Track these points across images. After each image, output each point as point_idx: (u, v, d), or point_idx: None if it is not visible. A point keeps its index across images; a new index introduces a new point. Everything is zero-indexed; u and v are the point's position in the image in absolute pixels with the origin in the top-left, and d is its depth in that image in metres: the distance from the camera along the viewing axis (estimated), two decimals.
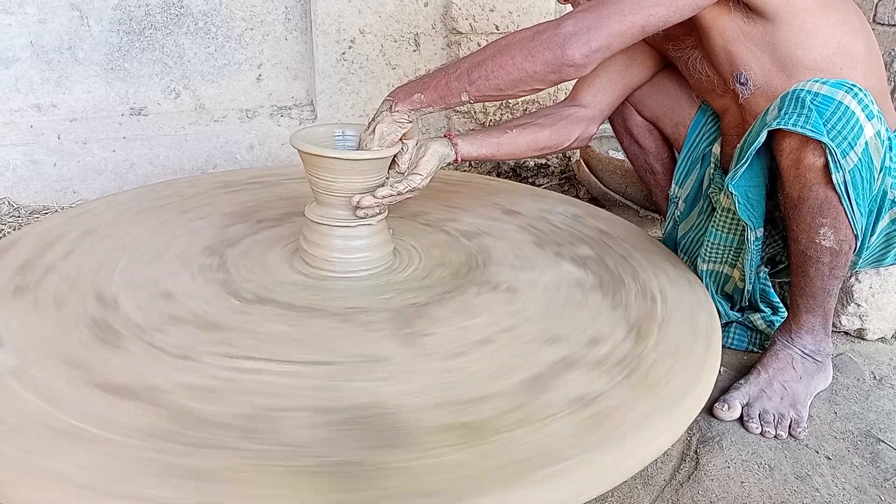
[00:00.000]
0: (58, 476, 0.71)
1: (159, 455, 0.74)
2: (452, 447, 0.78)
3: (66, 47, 1.96)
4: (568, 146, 1.40)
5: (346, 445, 0.78)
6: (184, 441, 0.76)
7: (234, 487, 0.71)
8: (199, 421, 0.80)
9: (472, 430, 0.81)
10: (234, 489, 0.71)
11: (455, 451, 0.78)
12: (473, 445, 0.79)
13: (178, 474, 0.72)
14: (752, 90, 1.25)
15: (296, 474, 0.73)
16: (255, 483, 0.72)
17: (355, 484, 0.72)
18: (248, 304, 1.07)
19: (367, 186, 1.15)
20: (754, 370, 1.24)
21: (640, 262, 1.28)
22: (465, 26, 2.16)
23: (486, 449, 0.78)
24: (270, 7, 2.13)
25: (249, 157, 2.13)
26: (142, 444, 0.76)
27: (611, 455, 0.81)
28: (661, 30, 1.14)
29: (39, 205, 1.96)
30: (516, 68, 1.09)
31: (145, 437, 0.77)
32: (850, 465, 1.10)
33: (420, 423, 0.82)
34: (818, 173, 1.08)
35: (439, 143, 1.23)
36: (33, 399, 0.82)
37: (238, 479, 0.72)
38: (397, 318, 1.06)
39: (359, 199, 1.14)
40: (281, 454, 0.76)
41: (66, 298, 1.05)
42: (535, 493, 0.74)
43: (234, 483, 0.71)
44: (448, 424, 0.82)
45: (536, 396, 0.88)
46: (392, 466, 0.75)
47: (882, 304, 1.42)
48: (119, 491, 0.69)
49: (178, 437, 0.77)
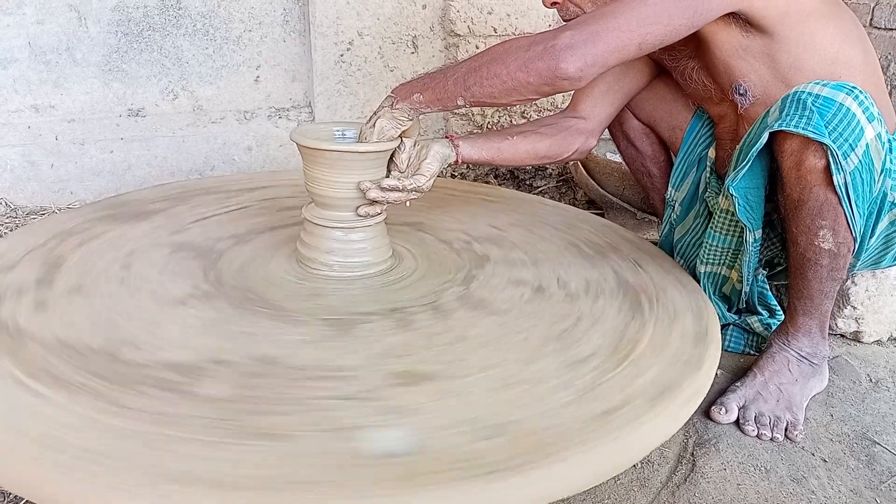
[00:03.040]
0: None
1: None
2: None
3: (64, 48, 1.96)
4: (567, 157, 1.41)
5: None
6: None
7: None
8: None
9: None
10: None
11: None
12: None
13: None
14: (751, 100, 1.25)
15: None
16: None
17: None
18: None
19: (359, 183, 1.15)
20: (750, 373, 1.24)
21: (641, 265, 1.28)
22: (463, 29, 2.16)
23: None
24: (269, 9, 2.13)
25: (247, 158, 2.14)
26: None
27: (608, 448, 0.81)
28: (659, 48, 1.14)
29: (37, 206, 1.96)
30: (510, 77, 1.09)
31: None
32: (846, 467, 1.11)
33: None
34: (819, 175, 1.08)
35: (440, 143, 1.23)
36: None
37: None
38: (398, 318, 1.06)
39: (366, 189, 1.14)
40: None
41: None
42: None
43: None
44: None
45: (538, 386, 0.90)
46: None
47: (878, 307, 1.43)
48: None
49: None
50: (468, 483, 0.72)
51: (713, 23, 1.18)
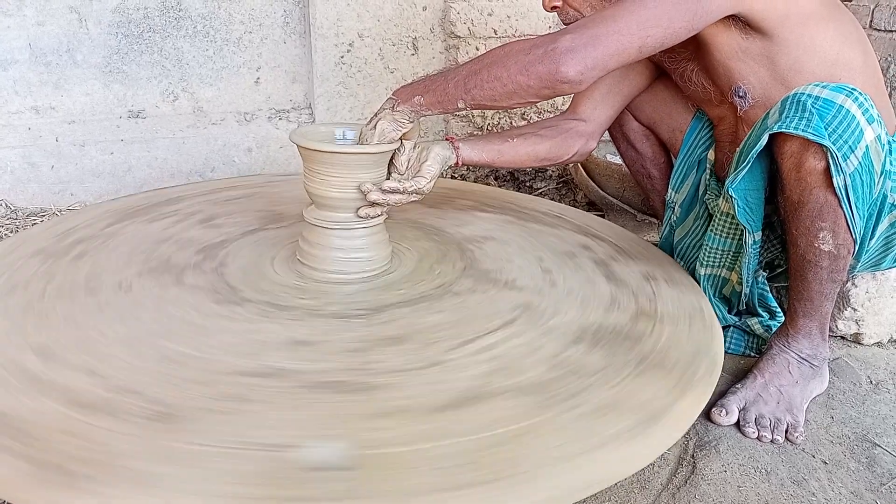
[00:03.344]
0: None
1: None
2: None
3: (64, 50, 1.97)
4: (567, 160, 1.41)
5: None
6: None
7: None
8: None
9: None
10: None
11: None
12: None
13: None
14: (750, 103, 1.25)
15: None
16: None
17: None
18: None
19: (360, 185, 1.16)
20: (751, 374, 1.24)
21: (641, 265, 1.28)
22: (463, 30, 2.16)
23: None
24: (269, 10, 2.13)
25: (247, 160, 2.14)
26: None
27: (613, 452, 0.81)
28: (658, 51, 1.14)
29: (37, 207, 1.96)
30: (511, 81, 1.09)
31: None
32: (847, 469, 1.10)
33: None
34: (819, 176, 1.08)
35: (441, 146, 1.23)
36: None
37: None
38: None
39: (367, 190, 1.14)
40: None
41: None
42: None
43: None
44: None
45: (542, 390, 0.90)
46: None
47: (878, 309, 1.43)
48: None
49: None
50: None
51: (713, 25, 1.18)
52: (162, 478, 0.71)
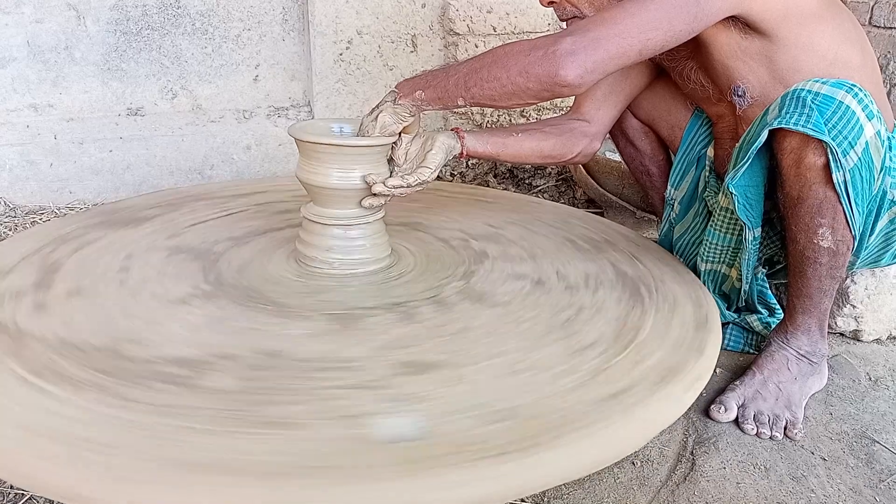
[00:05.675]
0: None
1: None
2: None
3: (62, 47, 1.96)
4: (570, 159, 1.41)
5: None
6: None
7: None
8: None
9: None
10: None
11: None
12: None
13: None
14: (749, 102, 1.25)
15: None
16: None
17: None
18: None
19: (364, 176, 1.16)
20: (749, 371, 1.24)
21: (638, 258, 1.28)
22: (462, 27, 2.16)
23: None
24: (268, 7, 2.13)
25: (246, 157, 2.14)
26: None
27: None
28: (659, 53, 1.14)
29: (36, 205, 1.95)
30: (510, 82, 1.09)
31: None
32: (846, 466, 1.11)
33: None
34: (819, 172, 1.08)
35: (446, 135, 1.22)
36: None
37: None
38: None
39: (373, 181, 1.13)
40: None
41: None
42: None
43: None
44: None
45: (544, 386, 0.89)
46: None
47: (878, 306, 1.43)
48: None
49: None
50: (478, 465, 0.73)
51: (712, 25, 1.17)
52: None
